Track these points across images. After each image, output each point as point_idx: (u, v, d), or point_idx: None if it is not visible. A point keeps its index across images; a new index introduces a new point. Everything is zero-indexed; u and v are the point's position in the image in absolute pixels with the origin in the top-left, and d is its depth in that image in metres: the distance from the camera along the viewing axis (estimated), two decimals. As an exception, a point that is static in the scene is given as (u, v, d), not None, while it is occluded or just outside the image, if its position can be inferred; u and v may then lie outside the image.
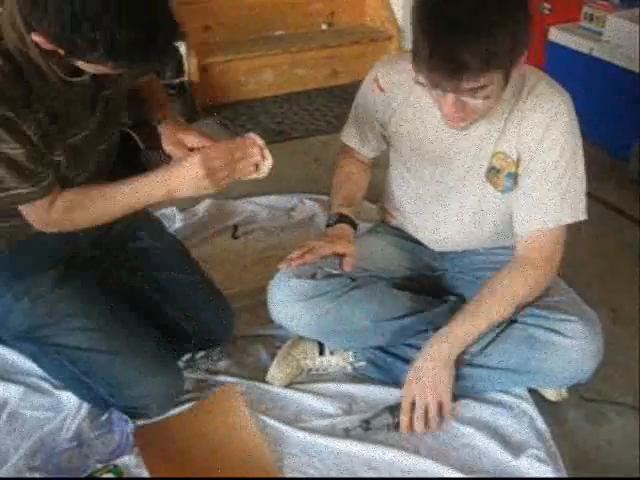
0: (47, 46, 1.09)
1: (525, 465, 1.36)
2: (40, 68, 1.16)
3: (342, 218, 1.55)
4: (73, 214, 1.32)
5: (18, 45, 1.12)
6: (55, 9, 1.00)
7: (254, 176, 1.34)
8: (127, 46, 1.02)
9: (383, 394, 1.52)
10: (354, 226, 1.56)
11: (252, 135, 1.32)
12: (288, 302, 1.46)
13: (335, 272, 1.48)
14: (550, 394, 1.53)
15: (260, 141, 1.31)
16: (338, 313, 1.46)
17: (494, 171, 1.44)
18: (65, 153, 1.28)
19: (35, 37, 1.08)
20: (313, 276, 1.46)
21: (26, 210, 1.30)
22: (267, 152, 1.31)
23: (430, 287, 1.63)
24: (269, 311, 1.50)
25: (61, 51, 1.08)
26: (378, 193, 1.76)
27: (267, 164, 1.32)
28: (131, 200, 1.31)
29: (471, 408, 1.48)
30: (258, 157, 1.30)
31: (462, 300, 1.57)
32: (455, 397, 1.44)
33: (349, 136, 1.64)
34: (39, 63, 1.15)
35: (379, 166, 1.69)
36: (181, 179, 1.26)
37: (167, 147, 1.38)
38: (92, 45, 1.02)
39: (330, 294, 1.46)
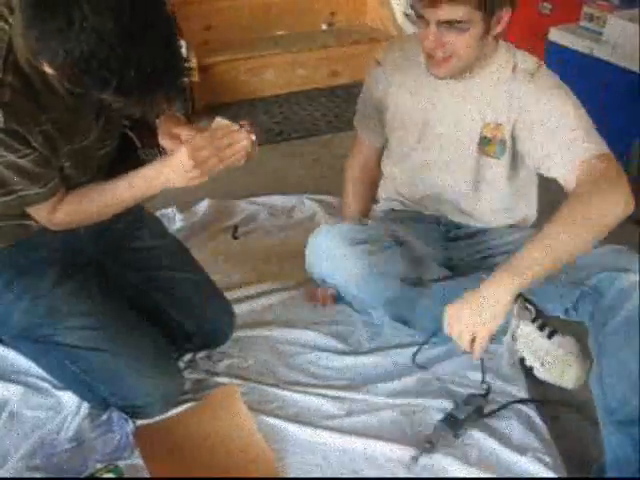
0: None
1: (525, 465, 1.36)
2: (49, 81, 1.17)
3: None
4: (76, 213, 1.35)
5: (29, 58, 1.13)
6: (65, 51, 1.00)
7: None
8: (136, 86, 1.04)
9: (383, 395, 1.53)
10: None
11: (218, 119, 1.31)
12: (335, 247, 1.54)
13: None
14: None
15: (235, 126, 1.30)
16: (381, 263, 1.53)
17: (486, 141, 1.52)
18: (70, 158, 1.30)
19: (46, 68, 1.08)
20: None
21: (32, 211, 1.33)
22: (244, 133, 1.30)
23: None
24: (309, 265, 1.62)
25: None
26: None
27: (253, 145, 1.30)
28: (132, 193, 1.34)
29: (471, 408, 1.49)
30: (245, 142, 1.29)
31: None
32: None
33: (359, 122, 1.77)
34: (47, 77, 1.16)
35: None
36: (172, 171, 1.29)
37: (163, 141, 1.39)
38: (103, 84, 1.04)
39: (377, 243, 1.55)
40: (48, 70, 1.09)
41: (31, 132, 1.18)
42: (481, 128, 1.52)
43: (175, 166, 1.28)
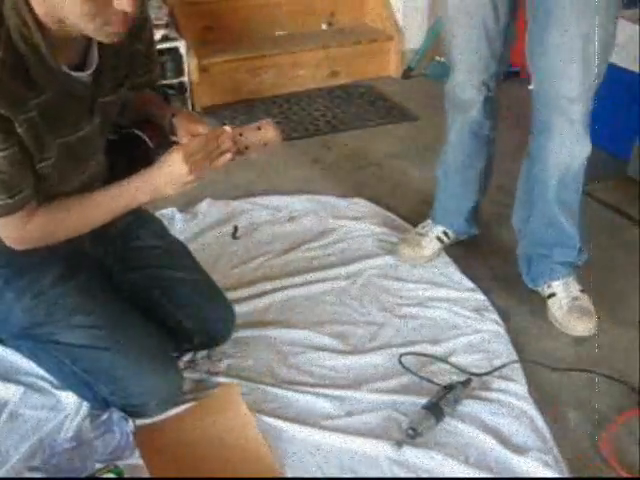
0: (47, 18, 1.09)
1: (525, 465, 1.36)
2: (43, 58, 1.14)
3: None
4: (53, 227, 1.31)
5: (22, 30, 1.11)
6: None
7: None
8: None
9: (383, 394, 1.53)
10: None
11: (226, 128, 1.35)
12: None
13: None
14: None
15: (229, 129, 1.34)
16: None
17: None
18: (58, 153, 1.26)
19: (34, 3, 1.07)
20: None
21: (0, 226, 1.28)
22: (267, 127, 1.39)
23: None
24: None
25: None
26: (381, 193, 1.75)
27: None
28: (115, 205, 1.32)
29: (471, 408, 1.49)
30: (229, 144, 1.32)
31: None
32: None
33: None
34: (42, 52, 1.14)
35: (378, 164, 1.69)
36: (166, 178, 1.29)
37: (183, 139, 1.39)
38: None
39: None
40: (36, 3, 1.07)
41: (17, 118, 1.14)
42: None
43: (170, 173, 1.28)
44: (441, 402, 1.44)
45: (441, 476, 1.34)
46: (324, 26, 3.43)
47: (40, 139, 1.21)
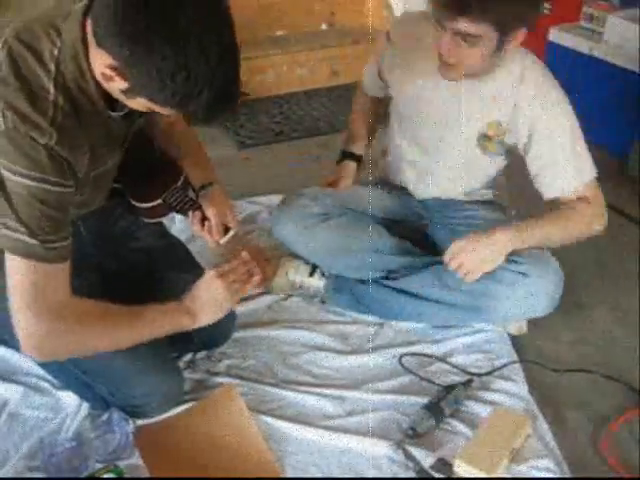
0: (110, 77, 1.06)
1: (525, 465, 1.36)
2: (95, 106, 1.16)
3: (347, 155, 1.91)
4: (85, 327, 1.25)
5: (77, 80, 1.12)
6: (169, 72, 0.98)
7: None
8: (207, 105, 1.04)
9: (383, 394, 1.53)
10: (359, 159, 1.89)
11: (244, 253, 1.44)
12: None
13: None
14: (513, 328, 1.70)
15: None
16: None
17: (486, 138, 1.64)
18: (91, 185, 1.28)
19: (99, 59, 1.06)
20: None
21: (20, 306, 1.17)
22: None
23: (412, 233, 1.84)
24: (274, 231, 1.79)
25: (123, 84, 1.05)
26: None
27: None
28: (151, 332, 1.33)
29: (471, 408, 1.49)
30: (257, 269, 1.41)
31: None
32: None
33: (367, 80, 1.93)
34: (95, 101, 1.15)
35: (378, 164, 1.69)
36: (209, 307, 1.36)
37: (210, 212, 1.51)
38: (180, 100, 1.03)
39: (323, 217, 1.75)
40: (102, 62, 1.05)
41: (76, 162, 1.15)
42: (485, 125, 1.63)
43: (212, 301, 1.35)
44: (441, 402, 1.44)
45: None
46: (324, 26, 3.43)
47: (82, 176, 1.22)
